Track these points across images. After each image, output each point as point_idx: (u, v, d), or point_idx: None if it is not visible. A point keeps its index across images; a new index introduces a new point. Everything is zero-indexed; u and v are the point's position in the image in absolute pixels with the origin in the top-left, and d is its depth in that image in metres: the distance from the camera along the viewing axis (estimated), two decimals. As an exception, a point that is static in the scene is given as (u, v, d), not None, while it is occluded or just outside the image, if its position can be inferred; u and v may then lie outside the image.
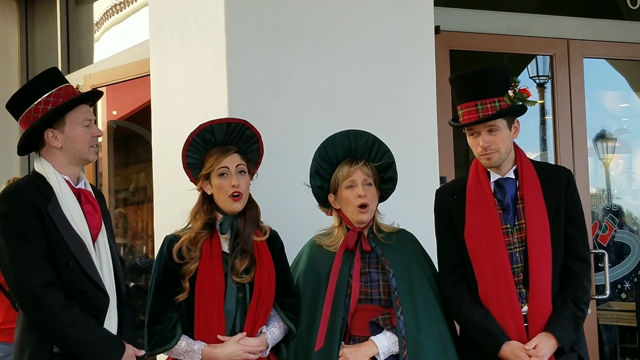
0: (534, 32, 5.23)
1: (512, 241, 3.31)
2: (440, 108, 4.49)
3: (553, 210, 3.31)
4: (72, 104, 3.18)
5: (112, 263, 3.20)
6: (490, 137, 3.29)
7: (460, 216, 3.36)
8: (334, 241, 3.40)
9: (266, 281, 3.25)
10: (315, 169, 3.43)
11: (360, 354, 3.24)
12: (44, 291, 3.00)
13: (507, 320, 3.25)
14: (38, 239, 3.04)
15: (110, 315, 3.15)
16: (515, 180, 3.36)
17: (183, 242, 3.25)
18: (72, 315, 3.02)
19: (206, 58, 4.07)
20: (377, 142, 3.43)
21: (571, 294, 3.27)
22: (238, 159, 3.30)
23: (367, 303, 3.32)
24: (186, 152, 3.31)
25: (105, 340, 3.09)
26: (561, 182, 3.35)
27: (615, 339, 5.92)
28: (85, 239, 3.11)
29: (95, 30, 6.27)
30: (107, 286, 3.14)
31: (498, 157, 3.31)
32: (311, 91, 4.11)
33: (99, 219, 3.21)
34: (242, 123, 3.35)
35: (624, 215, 6.18)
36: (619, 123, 6.50)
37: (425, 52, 4.39)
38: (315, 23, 4.15)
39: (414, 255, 3.41)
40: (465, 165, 6.67)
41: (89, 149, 3.20)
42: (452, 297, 3.37)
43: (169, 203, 4.20)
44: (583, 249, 3.35)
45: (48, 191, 3.11)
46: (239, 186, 3.24)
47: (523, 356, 3.21)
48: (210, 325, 3.21)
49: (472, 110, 3.30)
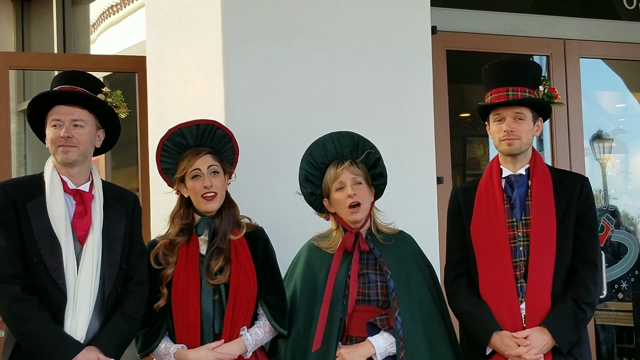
0: (531, 32, 5.23)
1: (517, 235, 3.32)
2: (437, 108, 4.49)
3: (562, 210, 3.31)
4: (35, 102, 3.21)
5: (101, 268, 3.16)
6: (515, 124, 3.32)
7: (468, 211, 3.40)
8: (332, 244, 3.40)
9: (243, 281, 3.24)
10: (305, 176, 3.43)
11: (357, 354, 3.24)
12: (4, 282, 3.05)
13: (503, 314, 3.25)
14: (11, 233, 3.08)
15: (78, 317, 3.09)
16: (527, 178, 3.38)
17: (159, 247, 3.28)
18: (25, 309, 3.03)
19: (203, 57, 4.06)
20: (361, 140, 3.43)
21: (572, 293, 3.26)
22: (210, 160, 3.31)
23: (364, 304, 3.32)
24: (159, 158, 3.35)
25: (55, 339, 3.05)
26: (574, 185, 3.36)
27: (613, 339, 5.92)
28: (61, 239, 3.10)
29: (92, 31, 6.26)
30: (81, 288, 3.10)
31: (519, 145, 3.34)
32: (308, 91, 4.11)
33: (88, 221, 3.18)
34: (211, 124, 3.36)
35: (620, 216, 6.18)
36: (615, 123, 6.50)
37: (422, 52, 4.39)
38: (312, 22, 4.15)
39: (412, 257, 3.41)
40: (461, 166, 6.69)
41: (56, 148, 3.18)
42: (450, 289, 3.40)
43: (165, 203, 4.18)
44: (592, 252, 3.33)
45: (37, 189, 3.16)
46: (211, 187, 3.26)
47: (512, 344, 3.19)
48: (188, 329, 3.21)
49: (502, 94, 3.35)
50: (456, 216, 3.46)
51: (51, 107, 3.21)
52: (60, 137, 3.17)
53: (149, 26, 4.45)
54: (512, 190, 3.36)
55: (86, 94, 3.24)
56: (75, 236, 3.15)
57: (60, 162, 3.19)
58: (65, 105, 3.20)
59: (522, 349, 3.17)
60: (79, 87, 3.25)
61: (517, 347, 3.18)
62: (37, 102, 3.23)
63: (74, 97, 3.21)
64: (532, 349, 3.17)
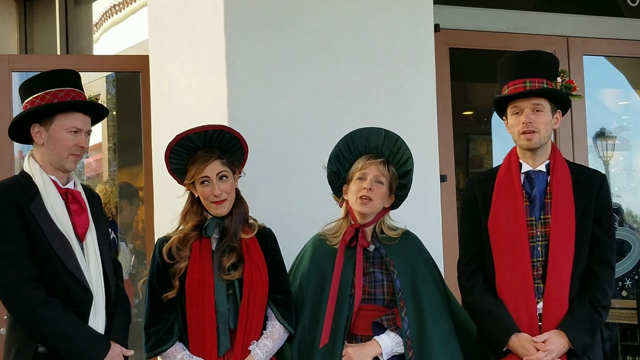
0: (534, 29, 5.22)
1: (535, 234, 3.28)
2: (440, 106, 4.48)
3: (581, 210, 3.27)
4: (64, 106, 3.18)
5: (102, 262, 3.20)
6: (533, 116, 3.27)
7: (485, 204, 3.35)
8: (336, 232, 3.40)
9: (256, 276, 3.25)
10: (336, 155, 3.44)
11: (363, 353, 3.24)
12: (24, 287, 3.01)
13: (520, 314, 3.22)
14: (19, 237, 3.06)
15: (97, 314, 3.13)
16: (547, 174, 3.33)
17: (173, 242, 3.28)
18: (53, 311, 3.02)
19: (205, 57, 4.07)
20: (403, 147, 3.42)
21: (590, 296, 3.22)
22: (219, 166, 3.30)
23: (370, 303, 3.32)
24: (168, 160, 3.35)
25: (88, 338, 3.07)
26: (593, 184, 3.32)
27: (617, 337, 5.91)
28: (69, 237, 3.11)
29: (95, 30, 6.26)
30: (94, 284, 3.13)
31: (538, 139, 3.29)
32: (311, 89, 4.11)
33: (86, 218, 3.21)
34: (219, 129, 3.34)
35: (624, 213, 6.18)
36: (618, 121, 6.51)
37: (425, 50, 4.38)
38: (315, 21, 4.14)
39: (418, 257, 3.41)
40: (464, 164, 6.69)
41: (68, 156, 3.18)
42: (466, 285, 3.36)
43: (169, 202, 4.19)
44: (610, 254, 3.30)
45: (32, 190, 3.14)
46: (220, 194, 3.27)
47: (531, 349, 3.18)
48: (203, 324, 3.21)
49: (520, 86, 3.31)
50: (472, 208, 3.41)
51: (63, 110, 3.18)
52: (80, 146, 3.19)
53: (151, 25, 4.45)
54: (532, 187, 3.32)
55: (104, 107, 3.30)
56: (77, 234, 3.16)
57: (65, 169, 3.20)
58: (83, 114, 3.22)
59: (542, 354, 3.16)
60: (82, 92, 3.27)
61: (537, 352, 3.16)
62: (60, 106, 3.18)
63: (95, 108, 3.26)
64: (550, 353, 3.16)
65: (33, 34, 6.80)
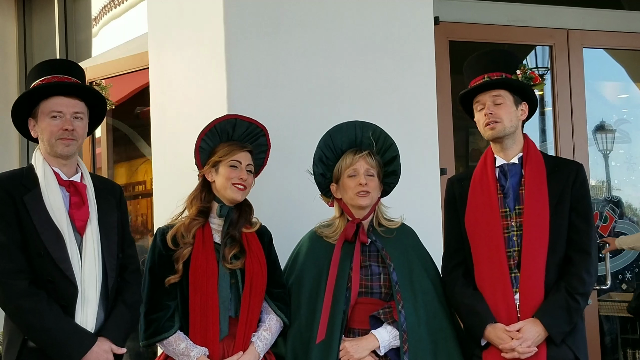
0: (534, 22, 5.21)
1: (510, 224, 3.31)
2: (440, 99, 4.48)
3: (556, 199, 3.30)
4: (40, 92, 3.13)
5: (103, 257, 3.16)
6: (494, 108, 3.34)
7: (463, 201, 3.41)
8: (334, 231, 3.40)
9: (257, 268, 3.29)
10: (319, 157, 3.45)
11: (361, 347, 3.24)
12: (9, 277, 3.00)
13: (499, 305, 3.25)
14: (9, 227, 3.04)
15: (87, 309, 3.09)
16: (520, 167, 3.38)
17: (178, 229, 3.30)
18: (34, 303, 2.99)
19: (205, 50, 4.06)
20: (383, 134, 3.45)
21: (566, 283, 3.24)
22: (249, 159, 3.39)
23: (367, 296, 3.32)
24: (202, 136, 3.38)
25: (69, 331, 3.03)
26: (568, 173, 3.35)
27: (616, 330, 5.92)
28: (63, 230, 3.08)
29: (94, 24, 6.25)
30: (85, 279, 3.09)
31: (502, 128, 3.34)
32: (310, 83, 4.10)
33: (86, 211, 3.17)
34: (261, 128, 3.45)
35: (624, 206, 6.18)
36: (618, 114, 6.50)
37: (424, 43, 4.37)
38: (314, 14, 4.14)
39: (414, 250, 3.42)
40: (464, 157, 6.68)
41: (56, 140, 3.13)
42: (447, 279, 3.41)
43: (168, 196, 4.18)
44: (587, 241, 3.31)
45: (31, 181, 3.12)
46: (246, 180, 3.33)
47: (505, 337, 3.20)
48: (206, 311, 3.22)
49: (480, 82, 3.39)
50: (452, 206, 3.49)
51: (43, 97, 3.14)
52: (64, 129, 3.13)
53: (150, 19, 4.45)
54: (506, 179, 3.37)
55: (91, 86, 3.23)
56: (75, 227, 3.13)
57: (58, 155, 3.15)
58: (65, 96, 3.16)
59: (515, 342, 3.18)
60: (72, 78, 3.21)
61: (511, 341, 3.18)
62: (37, 92, 3.15)
63: (76, 88, 3.19)
64: (524, 341, 3.18)
65: (32, 27, 6.79)
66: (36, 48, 6.74)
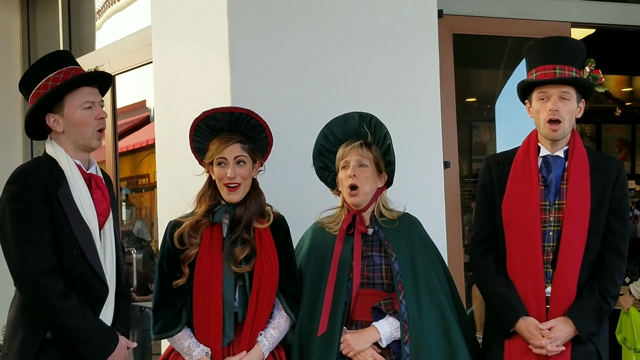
0: (538, 15, 5.19)
1: (548, 219, 3.28)
2: (444, 93, 4.47)
3: (597, 197, 3.26)
4: (67, 85, 3.09)
5: (115, 252, 3.17)
6: (560, 104, 3.26)
7: (500, 186, 3.35)
8: (335, 221, 3.39)
9: (267, 270, 3.21)
10: (319, 150, 3.43)
11: (362, 339, 3.23)
12: (45, 277, 2.97)
13: (529, 297, 3.24)
14: (45, 224, 2.99)
15: (107, 305, 3.12)
16: (565, 160, 3.33)
17: (185, 227, 3.23)
18: (69, 304, 2.99)
19: (208, 44, 4.06)
20: (378, 124, 3.39)
21: (600, 285, 3.23)
22: (238, 150, 3.25)
23: (369, 287, 3.30)
24: (192, 137, 3.31)
25: (100, 332, 3.06)
26: (611, 172, 3.30)
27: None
28: (92, 227, 3.07)
29: (97, 17, 6.26)
30: (108, 276, 3.11)
31: (562, 131, 3.28)
32: (314, 76, 4.10)
33: (107, 206, 3.16)
34: (246, 113, 3.29)
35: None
36: (622, 107, 6.49)
37: (428, 36, 4.37)
38: (317, 8, 4.13)
39: (417, 240, 3.38)
40: (468, 151, 6.68)
41: (93, 133, 3.11)
42: (478, 265, 3.38)
43: (172, 189, 4.19)
44: (622, 243, 3.29)
45: (60, 175, 3.06)
46: (234, 178, 3.21)
47: (536, 334, 3.20)
48: (209, 314, 3.18)
49: (550, 72, 3.30)
50: (487, 189, 3.42)
51: (68, 91, 3.10)
52: (100, 118, 3.11)
53: (154, 12, 4.45)
54: (549, 171, 3.31)
55: (107, 74, 3.24)
56: (98, 223, 3.11)
57: (91, 148, 3.13)
58: (89, 87, 3.14)
59: (546, 341, 3.17)
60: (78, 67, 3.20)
61: (542, 338, 3.18)
62: (67, 86, 3.09)
63: (101, 77, 3.19)
64: (555, 340, 3.18)
65: (35, 20, 6.80)
66: (40, 41, 6.75)
